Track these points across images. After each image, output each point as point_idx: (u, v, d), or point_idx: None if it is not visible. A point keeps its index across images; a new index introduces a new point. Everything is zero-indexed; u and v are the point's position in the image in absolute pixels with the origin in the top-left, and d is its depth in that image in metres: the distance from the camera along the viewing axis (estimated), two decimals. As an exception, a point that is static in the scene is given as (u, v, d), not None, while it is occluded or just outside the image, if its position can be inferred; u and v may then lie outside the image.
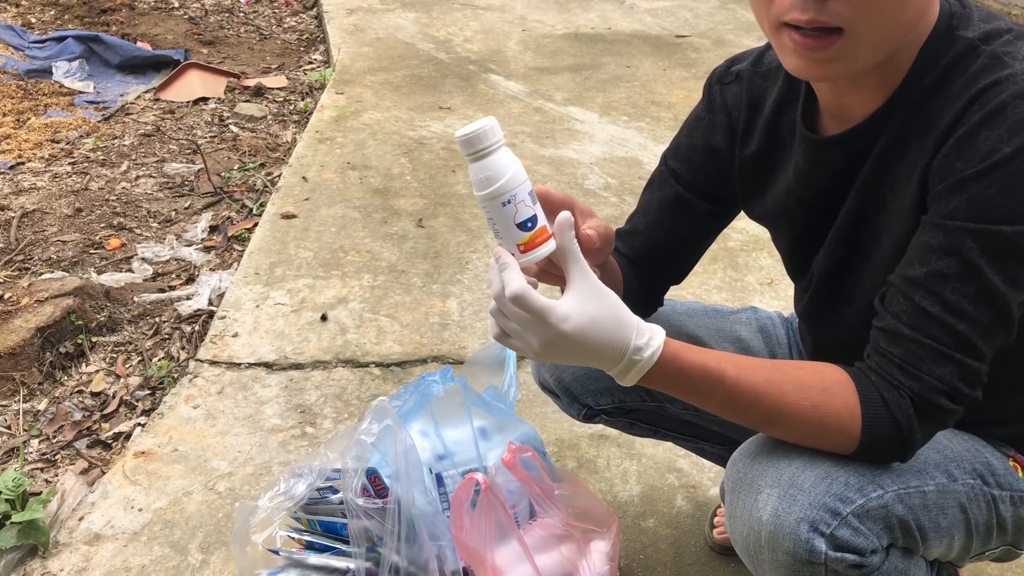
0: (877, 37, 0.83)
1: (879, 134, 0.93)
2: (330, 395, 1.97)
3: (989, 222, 0.80)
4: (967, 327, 0.83)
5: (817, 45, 0.82)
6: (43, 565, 1.53)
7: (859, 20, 0.80)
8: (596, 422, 1.39)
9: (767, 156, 1.09)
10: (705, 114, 1.14)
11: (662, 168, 1.18)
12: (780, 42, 0.86)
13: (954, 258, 0.82)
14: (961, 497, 0.97)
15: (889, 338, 0.86)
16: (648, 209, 1.19)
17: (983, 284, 0.82)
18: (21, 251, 2.55)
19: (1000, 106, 0.80)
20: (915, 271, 0.85)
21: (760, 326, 1.37)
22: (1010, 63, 0.82)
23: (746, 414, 0.88)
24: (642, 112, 3.74)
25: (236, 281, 2.40)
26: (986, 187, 0.80)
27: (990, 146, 0.80)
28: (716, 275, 2.50)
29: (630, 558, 1.56)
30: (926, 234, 0.85)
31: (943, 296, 0.83)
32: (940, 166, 0.84)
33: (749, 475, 0.93)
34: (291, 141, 3.45)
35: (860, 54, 0.84)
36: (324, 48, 4.67)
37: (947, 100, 0.86)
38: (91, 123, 3.46)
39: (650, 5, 5.50)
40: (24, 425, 1.93)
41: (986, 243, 0.81)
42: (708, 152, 1.13)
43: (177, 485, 1.70)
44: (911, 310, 0.85)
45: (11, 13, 4.64)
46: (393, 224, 2.74)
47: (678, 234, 1.18)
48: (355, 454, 1.28)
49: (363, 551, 1.26)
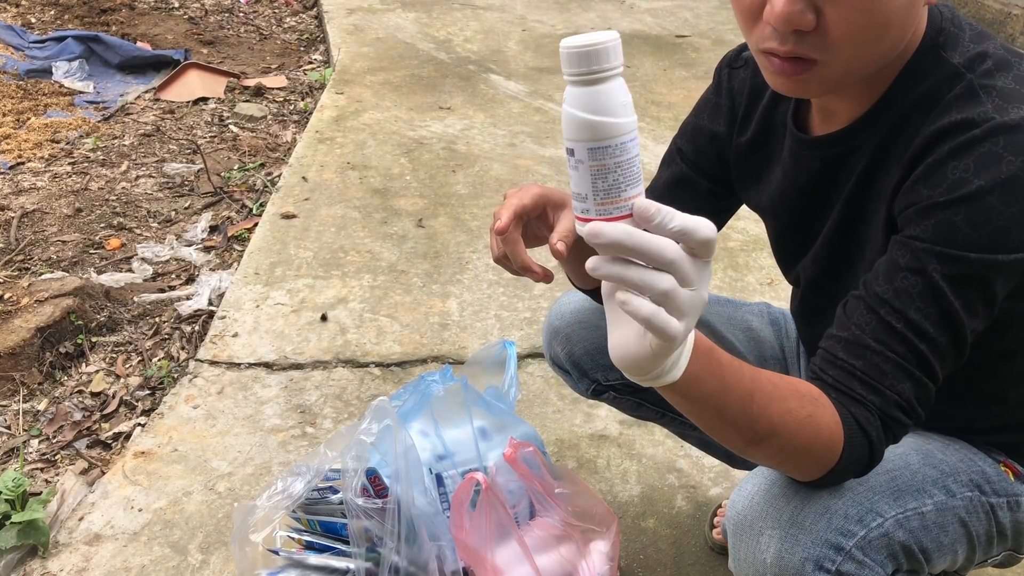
0: (852, 66, 0.84)
1: (857, 145, 0.95)
2: (330, 395, 1.97)
3: (955, 247, 0.81)
4: (927, 347, 0.83)
5: (794, 70, 0.84)
6: (43, 565, 1.53)
7: (834, 53, 0.82)
8: (604, 399, 1.38)
9: (762, 145, 1.10)
10: (712, 96, 1.16)
11: (671, 147, 1.22)
12: (762, 63, 0.88)
13: (919, 278, 0.83)
14: (960, 512, 0.97)
15: (851, 349, 0.86)
16: (655, 187, 1.21)
17: (945, 307, 0.83)
18: (21, 251, 2.55)
19: (968, 141, 0.82)
20: (881, 287, 0.85)
21: (772, 319, 1.39)
22: (983, 101, 0.84)
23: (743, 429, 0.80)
24: (642, 112, 3.74)
25: (236, 281, 2.40)
26: (954, 214, 0.81)
27: (957, 175, 0.81)
28: (716, 275, 2.50)
29: (630, 558, 1.56)
30: (894, 251, 0.86)
31: (907, 314, 0.83)
32: (907, 191, 0.86)
33: (749, 517, 0.92)
34: (291, 141, 3.45)
35: (836, 78, 0.86)
36: (324, 48, 4.67)
37: (923, 125, 0.87)
38: (91, 123, 3.46)
39: (650, 5, 5.50)
40: (24, 425, 1.93)
41: (950, 267, 0.82)
42: (711, 134, 1.16)
43: (177, 485, 1.70)
44: (876, 323, 0.85)
45: (11, 13, 4.64)
46: (393, 224, 2.74)
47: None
48: (355, 454, 1.28)
49: (363, 551, 1.26)
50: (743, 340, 1.35)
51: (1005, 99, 0.83)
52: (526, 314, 2.29)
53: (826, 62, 0.83)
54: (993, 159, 0.80)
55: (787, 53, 0.83)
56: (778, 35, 0.82)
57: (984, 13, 5.35)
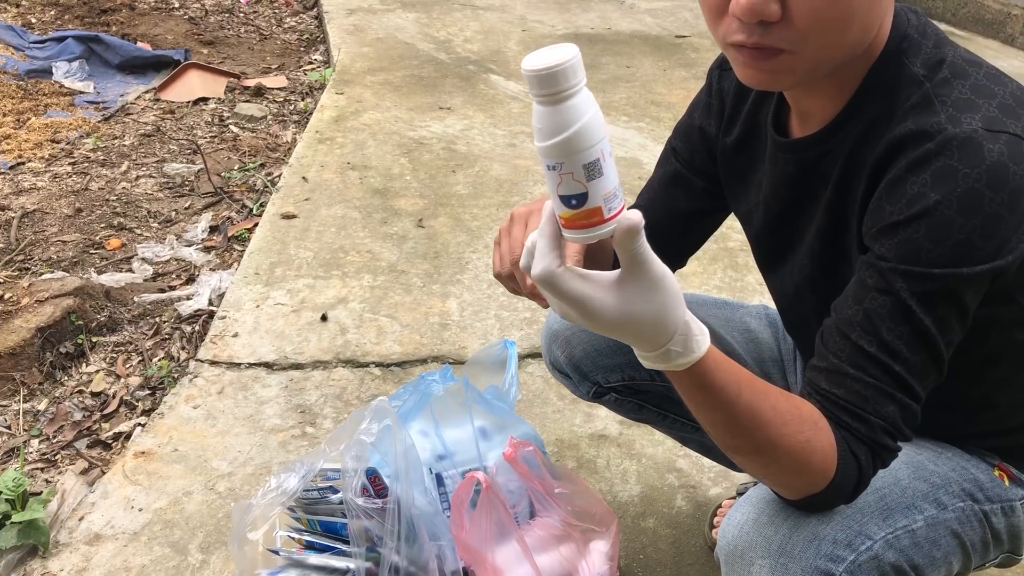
0: (819, 56, 0.84)
1: (829, 149, 0.95)
2: (330, 395, 1.97)
3: (919, 264, 0.81)
4: (903, 368, 0.83)
5: (762, 56, 0.84)
6: (43, 565, 1.53)
7: (800, 42, 0.82)
8: (604, 402, 1.38)
9: (745, 147, 1.11)
10: (704, 96, 1.18)
11: (666, 146, 1.23)
12: (731, 56, 0.88)
13: (888, 298, 0.83)
14: (952, 524, 0.97)
15: (831, 379, 0.86)
16: (651, 185, 1.23)
17: (916, 325, 0.82)
18: (21, 251, 2.55)
19: (924, 155, 0.82)
20: (852, 309, 0.85)
21: (770, 320, 1.39)
22: (938, 110, 0.84)
23: (739, 437, 0.83)
24: (642, 112, 3.74)
25: (236, 281, 2.40)
26: (915, 231, 0.81)
27: (916, 190, 0.82)
28: (716, 275, 2.50)
29: (630, 558, 1.56)
30: (862, 272, 0.86)
31: (879, 335, 0.83)
32: (873, 209, 0.86)
33: (739, 547, 0.92)
34: (291, 141, 3.45)
35: (803, 68, 0.85)
36: (324, 48, 4.67)
37: (884, 133, 0.88)
38: (91, 123, 3.46)
39: (650, 5, 5.50)
40: (24, 425, 1.93)
41: (917, 285, 0.82)
42: (702, 133, 1.17)
43: (177, 485, 1.70)
44: (850, 349, 0.85)
45: (11, 13, 4.64)
46: (393, 224, 2.74)
47: (675, 209, 1.21)
48: (355, 454, 1.28)
49: (363, 551, 1.26)
50: (741, 341, 1.35)
51: (959, 109, 0.83)
52: (526, 314, 2.29)
53: (793, 51, 0.83)
54: (949, 173, 0.80)
55: (754, 44, 0.83)
56: (744, 27, 0.82)
57: (984, 13, 5.34)
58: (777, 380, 1.34)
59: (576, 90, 0.66)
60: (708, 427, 0.85)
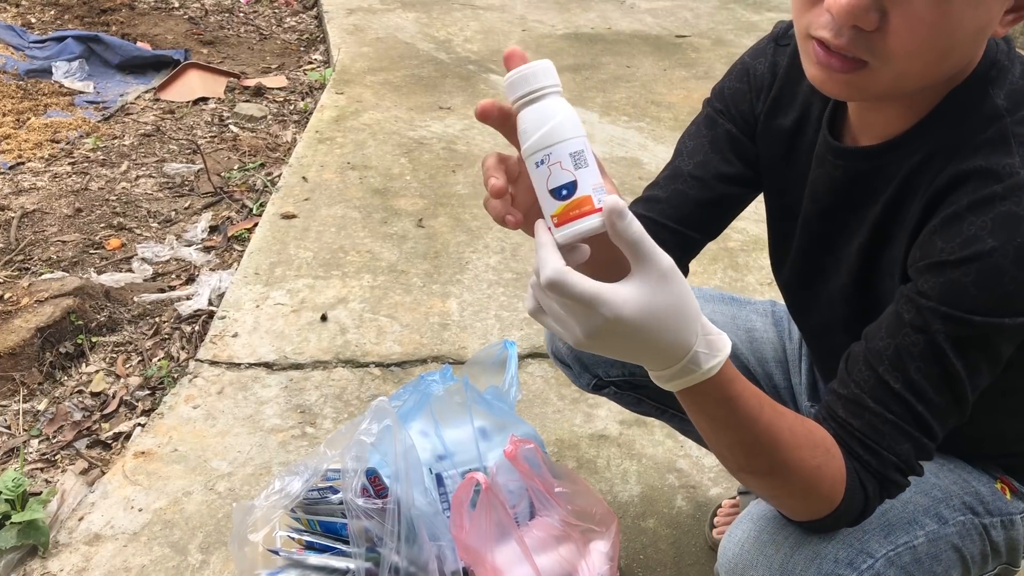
0: (901, 81, 0.79)
1: (883, 165, 0.91)
2: (330, 395, 1.97)
3: (961, 309, 0.78)
4: (925, 408, 0.81)
5: (840, 67, 0.79)
6: (43, 565, 1.53)
7: (888, 60, 0.76)
8: (604, 394, 1.37)
9: (793, 134, 1.05)
10: (750, 60, 1.10)
11: (707, 112, 1.13)
12: (805, 49, 0.83)
13: (922, 336, 0.80)
14: (953, 538, 0.96)
15: (850, 408, 0.84)
16: (697, 149, 1.12)
17: (947, 367, 0.80)
18: (21, 251, 2.55)
19: (989, 197, 0.78)
20: (883, 342, 0.83)
21: (776, 318, 1.37)
22: (1014, 151, 0.80)
23: (755, 457, 0.80)
24: (642, 112, 3.74)
25: (236, 281, 2.40)
26: (963, 275, 0.78)
27: (973, 232, 0.78)
28: (716, 275, 2.50)
29: (630, 558, 1.56)
30: (900, 305, 0.83)
31: (907, 373, 0.81)
32: (924, 241, 0.83)
33: (740, 566, 0.91)
34: (291, 141, 3.45)
35: (879, 88, 0.80)
36: (324, 48, 4.67)
37: (950, 163, 0.83)
38: (91, 123, 3.46)
39: (650, 5, 5.50)
40: (24, 425, 1.93)
41: (954, 328, 0.79)
42: (749, 102, 1.10)
43: (177, 485, 1.70)
44: (874, 381, 0.83)
45: (11, 13, 4.64)
46: (393, 224, 2.74)
47: (726, 174, 1.10)
48: (355, 454, 1.28)
49: (363, 551, 1.26)
50: (744, 341, 1.34)
51: None
52: (526, 314, 2.29)
53: (876, 68, 0.78)
54: (1012, 220, 0.76)
55: (838, 47, 0.77)
56: (835, 25, 0.77)
57: None
58: (780, 381, 1.34)
59: (554, 90, 0.72)
60: (724, 448, 0.81)
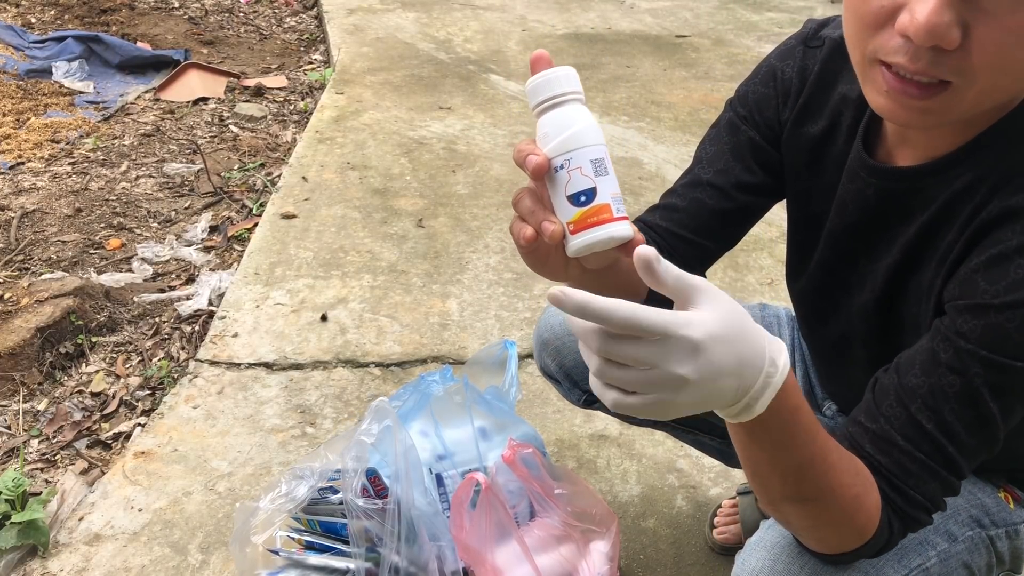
0: (981, 99, 0.73)
1: (921, 188, 0.86)
2: (330, 395, 1.97)
3: (1002, 355, 0.75)
4: (956, 449, 0.79)
5: (918, 95, 0.72)
6: (43, 565, 1.53)
7: (972, 78, 0.70)
8: (595, 408, 1.37)
9: (823, 143, 0.99)
10: (777, 62, 1.04)
11: (729, 116, 1.08)
12: (869, 76, 0.76)
13: (959, 378, 0.77)
14: (963, 555, 0.95)
15: (878, 444, 0.81)
16: (717, 156, 1.07)
17: (982, 411, 0.77)
18: (21, 251, 2.55)
19: None
20: (917, 379, 0.79)
21: (766, 324, 1.35)
22: None
23: (806, 481, 0.75)
24: (642, 112, 3.73)
25: (236, 281, 2.40)
26: (1007, 320, 0.74)
27: (1021, 276, 0.74)
28: (716, 275, 2.50)
29: (630, 558, 1.56)
30: (936, 343, 0.79)
31: (941, 415, 0.78)
32: (965, 278, 0.78)
33: None
34: (291, 141, 3.45)
35: (959, 110, 0.74)
36: (324, 48, 4.67)
37: (997, 196, 0.79)
38: (91, 123, 3.46)
39: (650, 5, 5.50)
40: (24, 425, 1.93)
41: (993, 374, 0.76)
42: (774, 108, 1.05)
43: (177, 485, 1.70)
44: (905, 419, 0.79)
45: (11, 13, 4.64)
46: (393, 224, 2.74)
47: (747, 183, 1.06)
48: (355, 454, 1.28)
49: (363, 551, 1.26)
50: None
51: None
52: (526, 314, 2.29)
53: (959, 88, 0.71)
54: None
55: (916, 71, 0.70)
56: (911, 49, 0.69)
57: None
58: None
59: (577, 96, 0.70)
60: (777, 474, 0.75)
